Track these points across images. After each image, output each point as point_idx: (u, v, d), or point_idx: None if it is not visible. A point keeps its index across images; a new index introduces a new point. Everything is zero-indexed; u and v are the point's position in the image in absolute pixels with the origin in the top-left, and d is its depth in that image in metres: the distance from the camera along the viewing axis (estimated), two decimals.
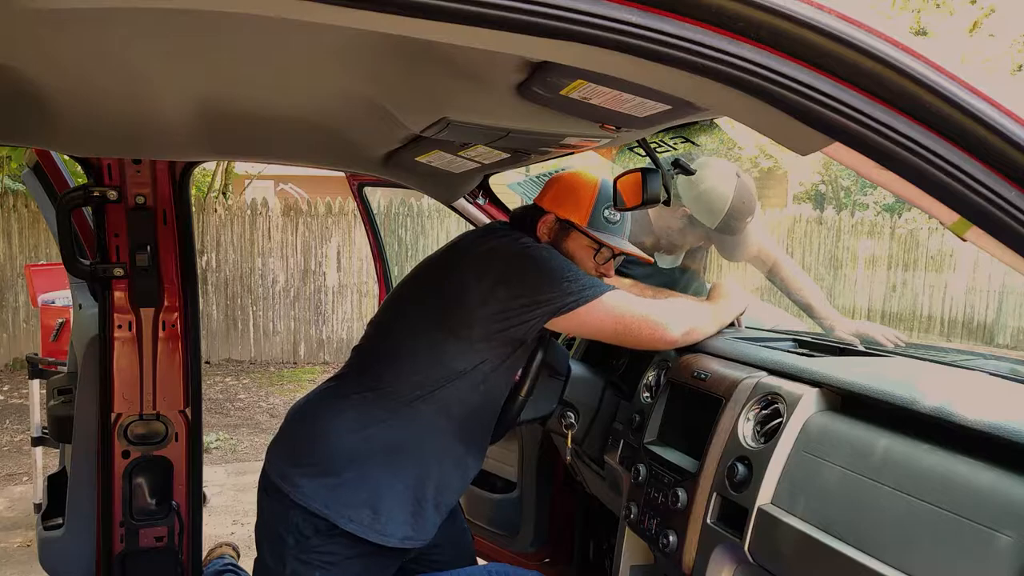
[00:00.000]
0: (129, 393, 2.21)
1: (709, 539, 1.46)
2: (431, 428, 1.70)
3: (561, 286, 1.65)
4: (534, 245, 1.73)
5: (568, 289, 1.65)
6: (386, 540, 1.65)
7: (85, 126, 1.65)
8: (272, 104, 1.55)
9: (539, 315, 1.65)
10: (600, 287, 1.68)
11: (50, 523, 2.34)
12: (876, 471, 1.18)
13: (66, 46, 1.11)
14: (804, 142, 0.76)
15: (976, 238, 0.76)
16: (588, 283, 1.67)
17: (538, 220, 1.80)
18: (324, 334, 8.60)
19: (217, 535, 3.74)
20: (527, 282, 1.66)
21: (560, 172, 1.91)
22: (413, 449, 1.69)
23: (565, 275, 1.66)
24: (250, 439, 5.67)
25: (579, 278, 1.67)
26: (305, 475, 1.66)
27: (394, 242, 8.46)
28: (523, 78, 1.13)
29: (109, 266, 2.13)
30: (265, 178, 11.69)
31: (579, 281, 1.66)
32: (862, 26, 0.69)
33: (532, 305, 1.64)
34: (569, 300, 1.64)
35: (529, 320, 1.65)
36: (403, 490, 1.68)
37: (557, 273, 1.66)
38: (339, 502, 1.63)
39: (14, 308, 7.78)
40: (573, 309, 1.64)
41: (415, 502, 1.69)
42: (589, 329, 1.76)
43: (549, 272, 1.67)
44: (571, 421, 2.00)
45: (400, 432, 1.68)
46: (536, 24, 0.66)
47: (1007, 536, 0.97)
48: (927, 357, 1.66)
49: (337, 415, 1.71)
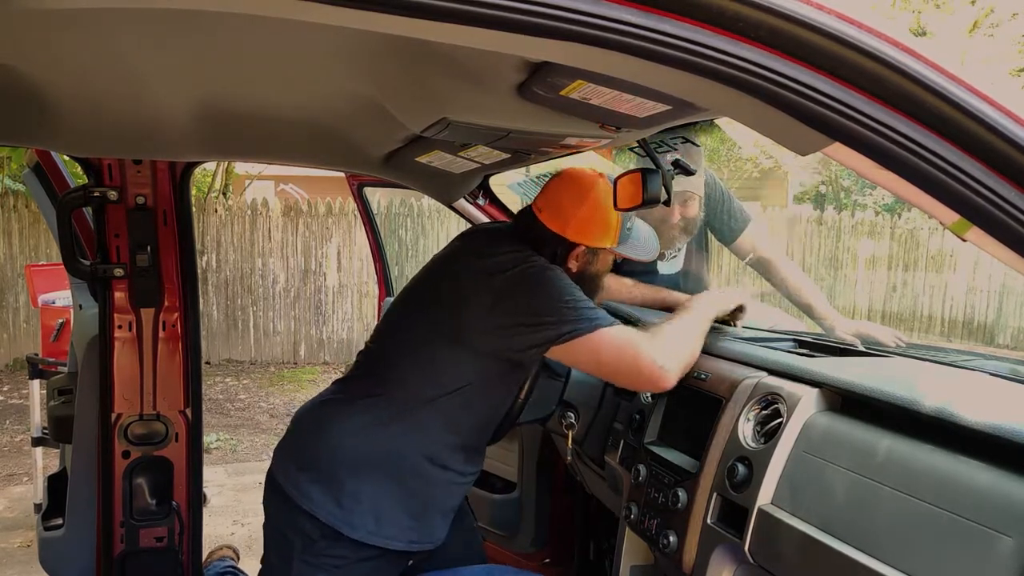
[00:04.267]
0: (129, 393, 2.21)
1: (709, 539, 1.46)
2: (435, 436, 1.69)
3: (561, 312, 1.59)
4: (538, 266, 1.66)
5: (566, 316, 1.58)
6: (391, 544, 1.66)
7: (85, 126, 1.65)
8: (272, 104, 1.56)
9: (538, 343, 1.60)
10: (602, 319, 1.60)
11: (50, 523, 2.34)
12: (876, 471, 1.18)
13: (67, 46, 1.11)
14: (804, 142, 0.76)
15: (976, 238, 0.76)
16: (588, 314, 1.60)
17: (568, 254, 1.73)
18: (324, 334, 8.60)
19: (217, 535, 3.75)
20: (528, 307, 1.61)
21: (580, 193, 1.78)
22: (417, 457, 1.68)
23: (565, 300, 1.60)
24: (250, 439, 5.67)
25: (579, 305, 1.60)
26: (310, 480, 1.65)
27: (394, 242, 8.46)
28: (523, 78, 1.13)
29: (109, 266, 2.13)
30: (265, 178, 11.69)
31: (578, 310, 1.60)
32: (862, 26, 0.69)
33: (531, 330, 1.59)
34: (565, 330, 1.58)
35: (530, 348, 1.61)
36: (407, 497, 1.68)
37: (556, 298, 1.60)
38: (344, 509, 1.62)
39: (14, 308, 7.78)
40: (569, 340, 1.58)
41: (420, 508, 1.69)
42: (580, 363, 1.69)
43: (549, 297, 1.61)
44: (571, 421, 2.00)
45: (404, 440, 1.67)
46: (536, 24, 0.66)
47: (1008, 537, 0.97)
48: (927, 357, 1.66)
49: (342, 422, 1.70)
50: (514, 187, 2.41)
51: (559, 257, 1.73)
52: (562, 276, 1.67)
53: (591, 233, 1.73)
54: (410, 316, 1.79)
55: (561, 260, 1.73)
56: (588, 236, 1.73)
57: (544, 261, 1.68)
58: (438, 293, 1.75)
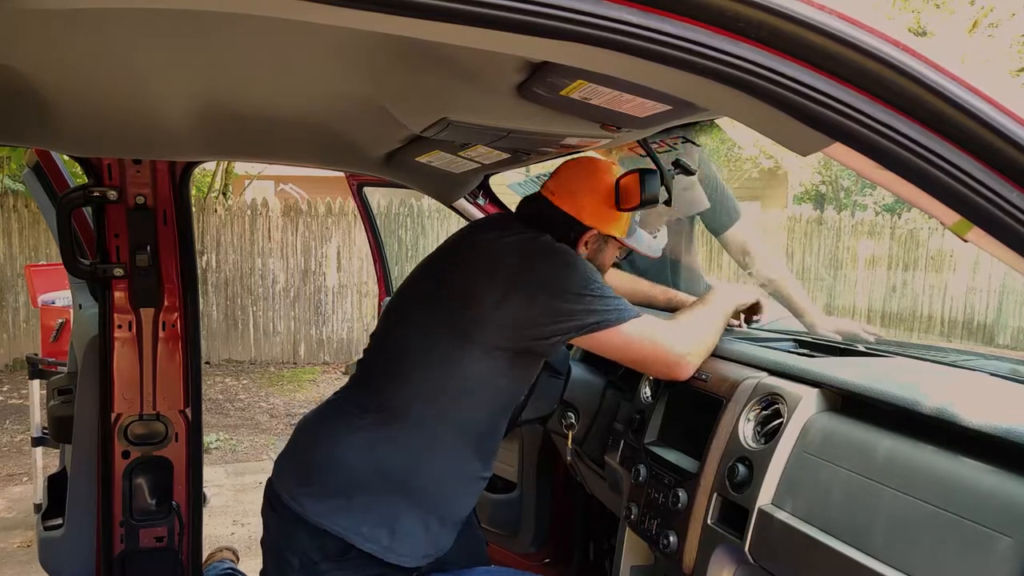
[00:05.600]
0: (129, 393, 2.21)
1: (709, 540, 1.46)
2: (449, 446, 1.60)
3: (585, 300, 1.53)
4: (555, 246, 1.60)
5: (592, 306, 1.53)
6: (404, 561, 1.54)
7: (85, 126, 1.65)
8: (272, 104, 1.55)
9: (560, 331, 1.54)
10: (627, 311, 1.57)
11: (50, 523, 2.34)
12: (877, 471, 1.18)
13: (67, 46, 1.11)
14: (804, 142, 0.76)
15: (977, 239, 0.76)
16: (614, 304, 1.56)
17: (579, 238, 1.67)
18: (324, 334, 8.60)
19: (217, 535, 3.75)
20: (549, 289, 1.54)
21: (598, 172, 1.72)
22: (429, 467, 1.58)
23: (590, 288, 1.55)
24: (250, 439, 5.67)
25: (605, 294, 1.56)
26: (314, 496, 1.55)
27: (394, 242, 8.46)
28: (523, 78, 1.13)
29: (109, 266, 2.13)
30: (265, 178, 11.71)
31: (604, 299, 1.55)
32: (862, 26, 0.69)
33: (552, 317, 1.53)
34: (590, 320, 1.53)
35: (551, 336, 1.55)
36: (420, 511, 1.57)
37: (582, 284, 1.54)
38: (354, 520, 1.53)
39: (14, 308, 7.78)
40: (592, 332, 1.54)
41: (434, 520, 1.60)
42: (602, 350, 1.64)
43: (572, 281, 1.55)
44: (571, 421, 2.00)
45: (414, 452, 1.57)
46: (536, 24, 0.66)
47: (1008, 537, 0.97)
48: (927, 357, 1.66)
49: (345, 436, 1.60)
50: (514, 187, 2.41)
51: (570, 240, 1.67)
52: (582, 260, 1.61)
53: (605, 218, 1.68)
54: (413, 317, 1.68)
55: (572, 244, 1.67)
56: (602, 221, 1.68)
57: (553, 240, 1.62)
58: (443, 287, 1.65)
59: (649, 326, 1.60)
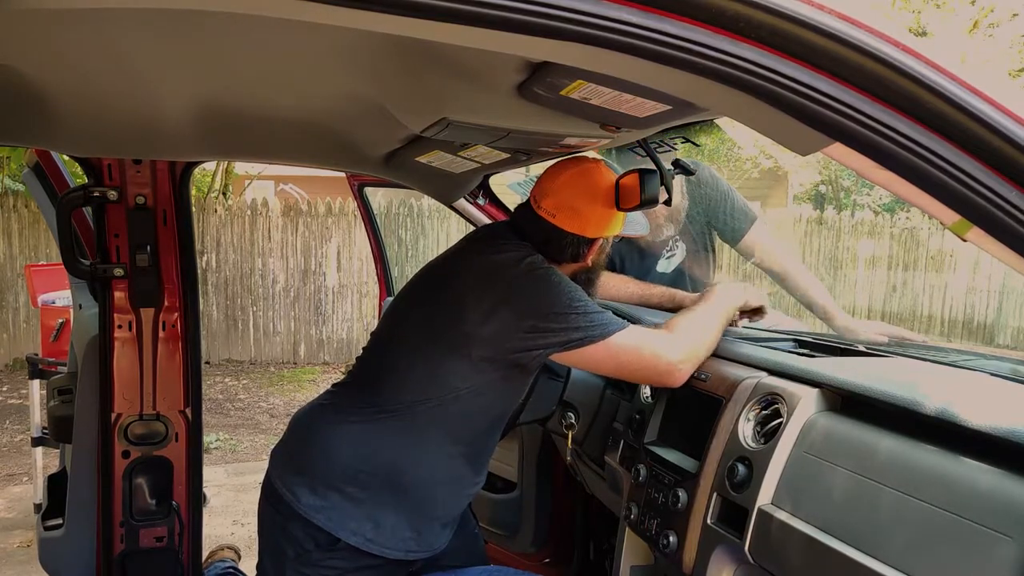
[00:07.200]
0: (129, 393, 2.21)
1: (709, 539, 1.46)
2: (436, 448, 1.64)
3: (569, 319, 1.56)
4: (542, 267, 1.62)
5: (576, 323, 1.55)
6: (388, 553, 1.61)
7: (85, 126, 1.65)
8: (272, 104, 1.55)
9: (543, 346, 1.56)
10: (611, 324, 1.58)
11: (50, 523, 2.34)
12: (877, 471, 1.18)
13: (67, 46, 1.11)
14: (804, 142, 0.76)
15: (977, 238, 0.76)
16: (599, 319, 1.58)
17: (588, 250, 1.70)
18: (324, 334, 8.60)
19: (217, 535, 3.75)
20: (534, 309, 1.57)
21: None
22: (416, 468, 1.63)
23: (574, 306, 1.57)
24: (250, 439, 5.67)
25: (588, 311, 1.57)
26: (306, 486, 1.61)
27: (394, 242, 8.46)
28: (523, 78, 1.13)
29: (109, 266, 2.14)
30: (265, 178, 11.70)
31: (588, 315, 1.57)
32: (862, 26, 0.69)
33: (536, 334, 1.56)
34: (575, 336, 1.55)
35: (533, 350, 1.57)
36: (407, 507, 1.63)
37: (566, 303, 1.57)
38: (342, 515, 1.58)
39: (14, 308, 7.78)
40: (578, 347, 1.56)
41: (420, 518, 1.65)
42: (591, 366, 1.68)
43: (558, 301, 1.57)
44: (571, 421, 2.00)
45: (403, 451, 1.62)
46: (536, 24, 0.66)
47: (1008, 538, 0.97)
48: (927, 357, 1.66)
49: (339, 428, 1.66)
50: (514, 187, 2.41)
51: (580, 255, 1.70)
52: (566, 279, 1.63)
53: (608, 223, 1.70)
54: (409, 321, 1.73)
55: (582, 257, 1.70)
56: (605, 227, 1.70)
57: (542, 259, 1.64)
58: (438, 297, 1.69)
59: (636, 337, 1.61)
